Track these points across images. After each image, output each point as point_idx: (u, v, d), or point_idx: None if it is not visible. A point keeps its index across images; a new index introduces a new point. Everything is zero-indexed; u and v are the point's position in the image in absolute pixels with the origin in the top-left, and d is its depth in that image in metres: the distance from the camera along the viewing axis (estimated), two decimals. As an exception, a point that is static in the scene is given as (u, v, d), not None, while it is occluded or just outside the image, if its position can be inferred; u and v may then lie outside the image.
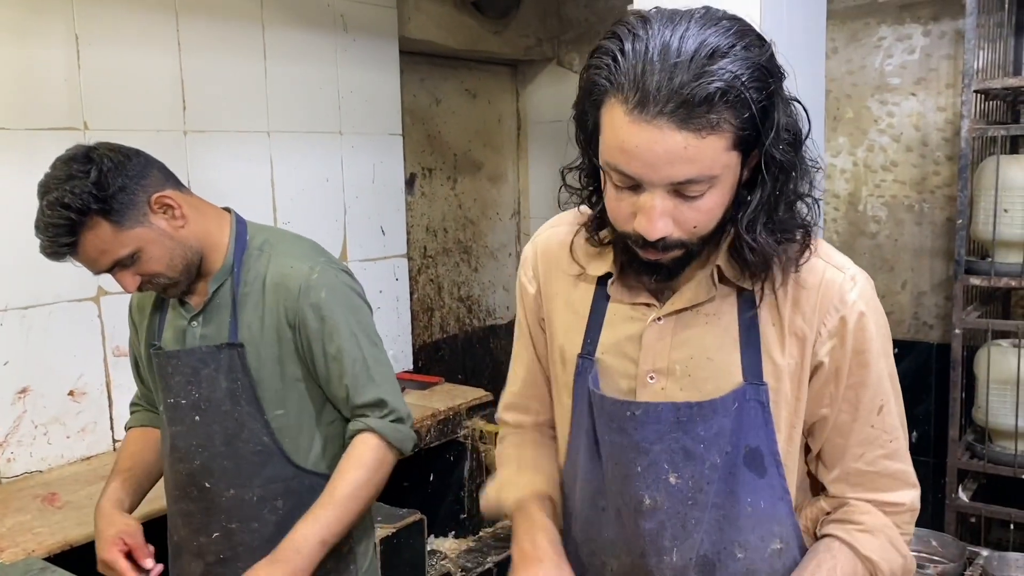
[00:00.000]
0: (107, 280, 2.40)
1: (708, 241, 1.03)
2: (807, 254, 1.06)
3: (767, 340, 1.07)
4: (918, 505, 1.15)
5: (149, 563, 1.56)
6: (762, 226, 1.00)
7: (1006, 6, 2.79)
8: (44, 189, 1.42)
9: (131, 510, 1.68)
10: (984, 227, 2.72)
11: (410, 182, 3.70)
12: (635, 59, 0.91)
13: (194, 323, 1.60)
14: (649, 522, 1.12)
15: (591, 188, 1.11)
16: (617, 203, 1.00)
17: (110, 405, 2.46)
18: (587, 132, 1.02)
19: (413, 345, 3.55)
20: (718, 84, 0.88)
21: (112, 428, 2.47)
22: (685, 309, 1.10)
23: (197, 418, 1.59)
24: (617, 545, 1.17)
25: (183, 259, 1.53)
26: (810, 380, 1.09)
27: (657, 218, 0.96)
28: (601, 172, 1.02)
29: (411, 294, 3.57)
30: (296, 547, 1.47)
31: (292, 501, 1.59)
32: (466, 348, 4.11)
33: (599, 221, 1.11)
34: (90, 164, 1.41)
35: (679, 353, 1.10)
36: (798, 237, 1.05)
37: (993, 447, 2.79)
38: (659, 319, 1.11)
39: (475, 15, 3.64)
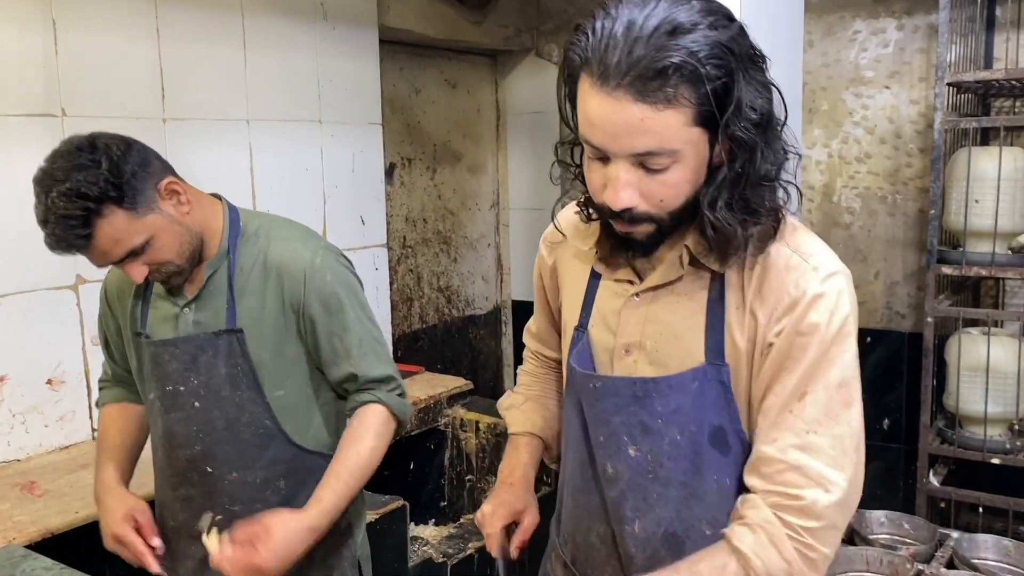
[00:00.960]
0: (86, 268, 2.39)
1: (680, 219, 1.05)
2: (774, 238, 1.07)
3: (731, 322, 1.09)
4: (831, 513, 1.03)
5: (157, 541, 1.58)
6: (723, 203, 1.02)
7: (978, 1, 2.84)
8: (51, 181, 1.38)
9: (127, 486, 1.69)
10: (956, 217, 2.77)
11: (389, 172, 3.70)
12: (602, 36, 0.96)
13: (187, 310, 1.60)
14: (612, 490, 1.17)
15: (580, 163, 1.14)
16: (591, 174, 1.05)
17: (89, 394, 2.44)
18: (573, 107, 1.06)
19: (392, 335, 3.56)
20: (674, 58, 0.92)
21: (91, 417, 2.46)
22: (660, 287, 1.13)
23: (197, 404, 1.59)
24: (599, 511, 1.22)
25: (190, 245, 1.53)
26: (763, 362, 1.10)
27: (621, 188, 1.00)
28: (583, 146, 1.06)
29: (391, 284, 3.58)
30: (329, 511, 1.51)
31: (294, 481, 1.62)
32: (445, 338, 4.13)
33: (589, 198, 1.14)
34: (98, 152, 1.40)
35: (650, 328, 1.14)
36: (764, 220, 1.06)
37: (963, 432, 2.86)
38: (636, 295, 1.15)
39: (454, 5, 3.64)
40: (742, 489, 1.12)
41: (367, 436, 1.57)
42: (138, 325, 1.65)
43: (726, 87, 0.96)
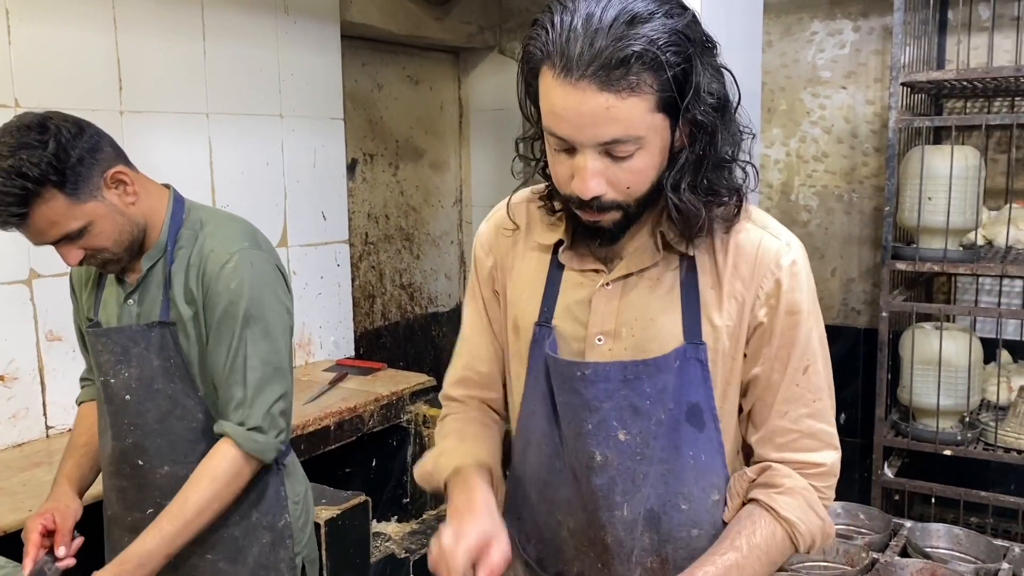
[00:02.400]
0: (40, 263, 2.34)
1: (645, 204, 1.08)
2: (737, 217, 1.11)
3: (706, 302, 1.13)
4: (838, 469, 1.18)
5: (61, 551, 1.53)
6: (687, 186, 1.05)
7: (931, 4, 2.91)
8: None
9: (89, 485, 1.67)
10: (910, 214, 2.83)
11: (351, 167, 3.67)
12: (562, 29, 0.97)
13: (130, 300, 1.58)
14: (600, 478, 1.17)
15: (542, 157, 1.14)
16: (556, 167, 1.06)
17: (43, 390, 2.40)
18: (533, 101, 1.07)
19: (354, 332, 3.53)
20: (635, 47, 0.94)
21: (45, 414, 2.41)
22: (631, 274, 1.15)
23: (128, 397, 1.57)
24: (573, 503, 1.21)
25: (130, 235, 1.51)
26: (748, 341, 1.15)
27: (589, 178, 1.02)
28: (544, 139, 1.07)
29: (352, 280, 3.55)
30: (141, 561, 1.45)
31: None
32: (408, 336, 4.11)
33: (551, 190, 1.15)
34: (47, 134, 1.38)
35: (625, 316, 1.15)
36: (728, 199, 1.10)
37: (916, 425, 2.92)
38: (607, 284, 1.16)
39: (417, 1, 3.63)
40: (716, 464, 1.17)
41: (201, 481, 1.50)
42: (92, 312, 1.63)
43: (685, 73, 0.99)
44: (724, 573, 1.09)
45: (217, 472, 1.51)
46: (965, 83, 2.83)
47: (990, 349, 3.00)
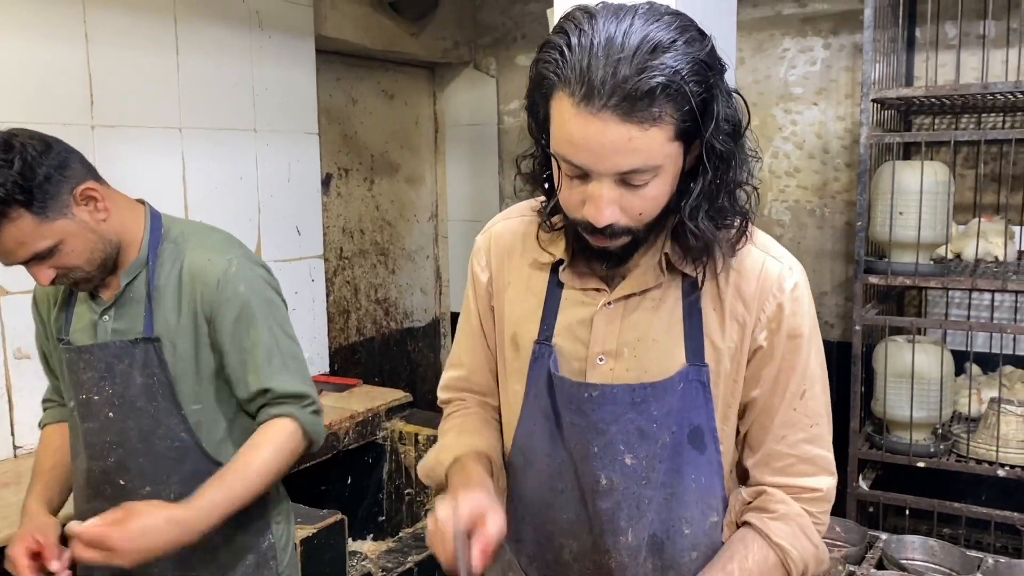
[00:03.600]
0: (8, 280, 2.30)
1: (653, 228, 1.07)
2: (744, 240, 1.11)
3: (708, 324, 1.12)
4: (834, 495, 1.17)
5: (55, 565, 1.48)
6: (704, 213, 1.05)
7: (899, 22, 2.96)
8: None
9: (58, 509, 1.62)
10: (881, 229, 2.86)
11: (326, 182, 3.66)
12: (581, 53, 0.94)
13: (105, 317, 1.55)
14: (605, 502, 1.15)
15: (544, 176, 1.13)
16: (568, 192, 1.04)
17: (11, 409, 2.35)
18: (538, 122, 1.06)
19: (329, 347, 3.51)
20: (660, 79, 0.92)
21: (13, 433, 2.36)
22: (633, 294, 1.14)
23: (111, 414, 1.54)
24: (576, 526, 1.19)
25: (102, 253, 1.49)
26: (748, 363, 1.14)
27: (605, 206, 1.00)
28: (552, 161, 1.05)
29: (327, 296, 3.53)
30: (205, 511, 1.42)
31: None
32: (383, 351, 4.09)
33: (552, 208, 1.14)
34: (12, 152, 1.35)
35: (627, 336, 1.14)
36: (735, 223, 1.09)
37: (890, 437, 2.94)
38: (609, 304, 1.15)
39: (392, 16, 3.64)
40: (715, 486, 1.16)
41: (265, 446, 1.51)
42: (62, 331, 1.60)
43: (705, 102, 0.97)
44: None
45: (280, 442, 1.52)
46: (934, 100, 2.87)
47: (960, 361, 3.04)
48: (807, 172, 3.54)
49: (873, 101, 2.86)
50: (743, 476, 1.21)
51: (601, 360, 1.15)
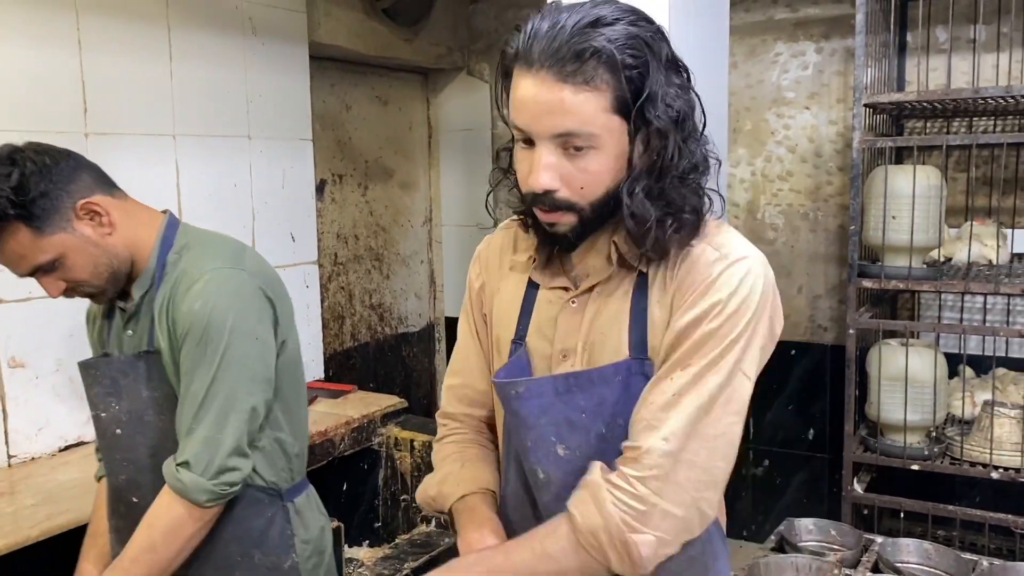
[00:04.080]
0: (3, 288, 2.29)
1: (600, 211, 1.09)
2: (698, 238, 1.11)
3: (654, 319, 1.12)
4: (665, 463, 1.04)
5: None
6: (641, 191, 1.07)
7: (891, 27, 2.97)
8: None
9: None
10: (874, 233, 2.88)
11: (320, 188, 3.65)
12: (532, 32, 1.04)
13: (128, 330, 1.54)
14: (546, 495, 1.18)
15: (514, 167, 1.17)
16: (519, 164, 1.10)
17: (5, 418, 2.34)
18: (505, 104, 1.11)
19: (324, 353, 3.50)
20: (592, 44, 1.00)
21: (7, 443, 2.35)
22: (591, 288, 1.16)
23: (119, 431, 1.53)
24: (532, 523, 1.19)
25: (108, 267, 1.48)
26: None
27: (542, 169, 1.05)
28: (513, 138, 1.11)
29: (322, 302, 3.53)
30: None
31: (224, 514, 1.50)
32: (378, 356, 4.08)
33: (522, 198, 1.17)
34: (12, 167, 1.36)
35: (583, 331, 1.16)
36: (685, 219, 1.09)
37: (884, 440, 2.95)
38: (572, 301, 1.18)
39: (386, 22, 3.64)
40: None
41: (142, 526, 1.43)
42: (105, 345, 1.59)
43: (641, 76, 1.02)
44: (490, 557, 1.11)
45: (153, 518, 1.42)
46: (925, 104, 2.89)
47: (953, 364, 3.06)
48: (800, 176, 3.56)
49: (865, 106, 2.87)
50: None
51: (564, 357, 1.17)
